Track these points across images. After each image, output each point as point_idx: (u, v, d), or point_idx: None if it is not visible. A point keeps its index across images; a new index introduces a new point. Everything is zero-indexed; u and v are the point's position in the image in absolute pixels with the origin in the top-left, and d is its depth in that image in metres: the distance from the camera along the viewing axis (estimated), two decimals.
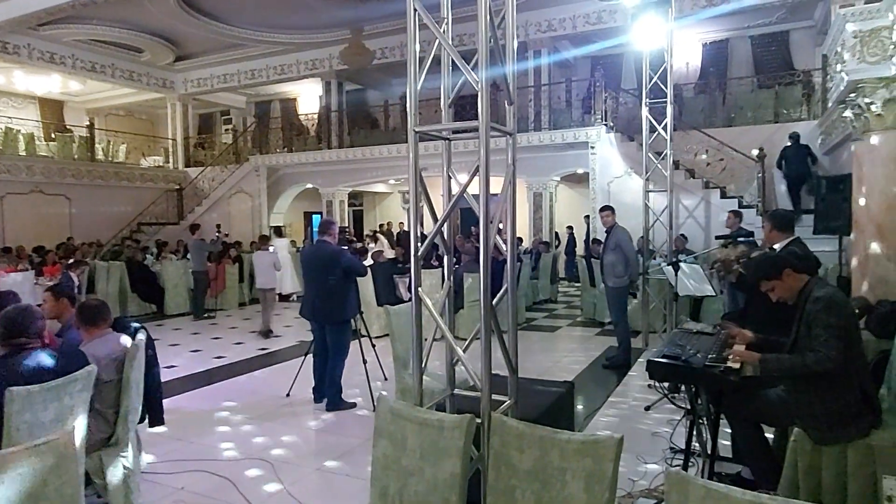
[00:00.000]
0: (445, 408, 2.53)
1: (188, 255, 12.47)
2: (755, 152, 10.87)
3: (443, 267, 2.82)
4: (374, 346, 6.02)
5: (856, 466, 2.36)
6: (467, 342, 2.71)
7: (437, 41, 2.62)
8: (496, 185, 2.76)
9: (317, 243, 5.39)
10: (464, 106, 15.00)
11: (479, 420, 2.04)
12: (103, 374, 3.06)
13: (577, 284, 14.19)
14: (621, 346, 6.57)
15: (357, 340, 5.53)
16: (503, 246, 2.63)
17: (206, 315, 10.52)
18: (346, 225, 17.21)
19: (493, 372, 2.31)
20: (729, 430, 3.00)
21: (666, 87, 7.50)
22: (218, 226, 13.96)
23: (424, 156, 10.89)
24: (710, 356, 2.69)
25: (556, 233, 14.69)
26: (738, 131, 11.85)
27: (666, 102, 7.50)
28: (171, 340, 8.52)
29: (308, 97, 19.38)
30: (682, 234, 10.26)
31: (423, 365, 2.49)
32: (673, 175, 7.90)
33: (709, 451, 2.83)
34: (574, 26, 13.36)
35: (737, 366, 2.58)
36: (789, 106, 12.43)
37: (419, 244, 2.61)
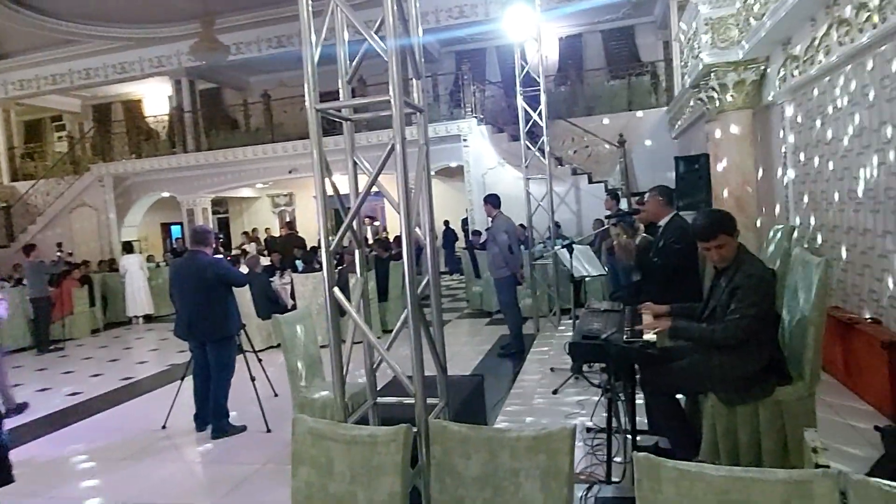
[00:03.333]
0: (368, 420, 2.27)
1: (24, 281, 10.90)
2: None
3: (354, 264, 2.55)
4: (260, 360, 5.55)
5: (767, 423, 2.45)
6: (389, 342, 2.47)
7: (330, 10, 2.34)
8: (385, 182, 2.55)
9: (189, 254, 4.82)
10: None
11: (414, 429, 1.82)
12: None
13: (458, 277, 14.35)
14: (514, 333, 6.62)
15: (242, 356, 5.04)
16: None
17: (52, 347, 9.22)
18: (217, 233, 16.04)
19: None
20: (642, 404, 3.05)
21: (535, 78, 7.68)
22: (59, 244, 12.36)
23: (294, 155, 10.37)
24: (626, 332, 2.69)
25: (453, 230, 14.74)
26: (599, 120, 12.57)
27: (538, 91, 7.69)
28: (12, 381, 7.32)
29: (155, 98, 17.75)
30: (556, 222, 10.64)
31: (343, 373, 2.21)
32: (551, 162, 8.13)
33: (628, 427, 2.84)
34: (437, 20, 13.38)
35: (653, 339, 2.59)
36: (640, 95, 13.40)
37: (330, 238, 2.33)
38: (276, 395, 5.62)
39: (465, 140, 12.58)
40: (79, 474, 4.25)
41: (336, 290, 2.28)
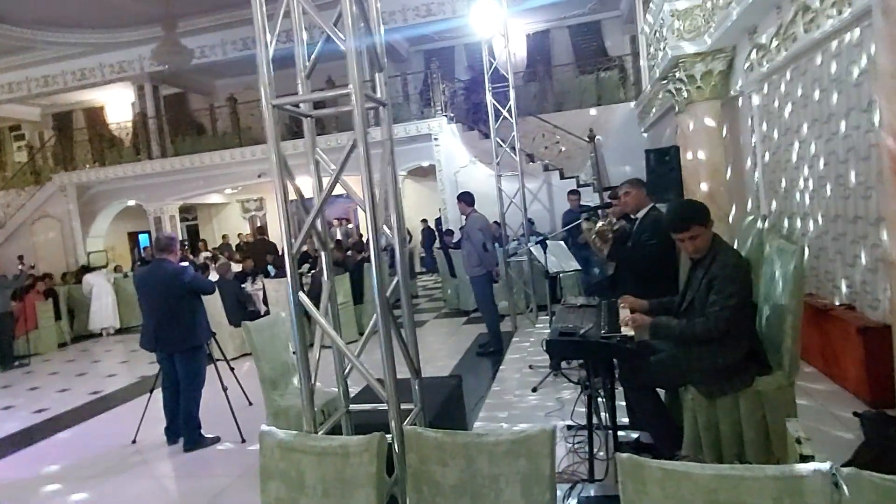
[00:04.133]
0: (342, 429, 2.17)
1: None
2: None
3: (320, 266, 2.45)
4: (232, 369, 5.40)
5: (748, 413, 2.42)
6: (360, 346, 2.39)
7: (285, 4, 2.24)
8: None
9: (154, 263, 4.65)
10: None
11: (389, 437, 1.74)
12: None
13: (435, 276, 14.26)
14: (492, 332, 6.56)
15: (213, 365, 4.89)
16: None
17: (16, 364, 8.90)
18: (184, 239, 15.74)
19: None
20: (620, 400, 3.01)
21: (503, 74, 7.65)
22: (20, 257, 11.96)
23: (262, 159, 10.16)
24: (603, 328, 2.64)
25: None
26: (569, 115, 12.60)
27: (507, 87, 7.65)
28: None
29: (117, 104, 17.29)
30: (529, 219, 10.63)
31: (312, 381, 2.12)
32: (522, 159, 8.10)
33: (609, 423, 2.79)
34: (405, 19, 13.28)
35: (631, 333, 2.55)
36: (609, 90, 13.47)
37: (293, 241, 2.23)
38: (250, 404, 5.47)
39: (436, 139, 12.51)
40: (47, 495, 4.07)
41: (301, 294, 2.19)
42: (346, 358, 2.17)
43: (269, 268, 9.77)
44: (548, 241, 4.80)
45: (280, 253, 11.03)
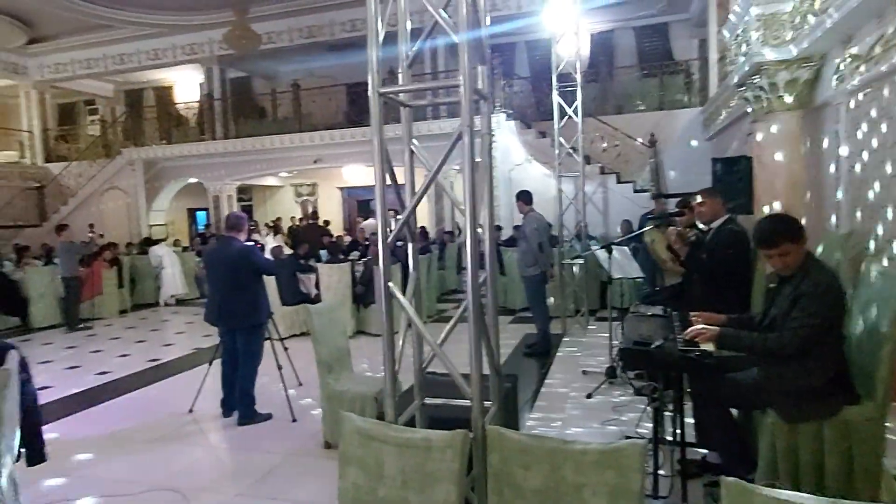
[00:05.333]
0: (415, 421, 2.18)
1: (55, 260, 11.05)
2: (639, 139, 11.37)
3: (407, 256, 2.44)
4: (286, 349, 5.51)
5: (833, 443, 2.31)
6: (442, 336, 2.39)
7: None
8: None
9: (223, 240, 4.78)
10: (360, 94, 14.50)
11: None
12: None
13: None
14: (541, 332, 6.50)
15: (271, 344, 5.00)
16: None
17: (81, 326, 9.32)
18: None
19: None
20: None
21: (571, 74, 7.54)
22: (91, 225, 12.50)
23: (320, 145, 10.35)
24: (678, 340, 2.56)
25: (457, 223, 14.60)
26: (629, 118, 12.34)
27: (573, 87, 7.55)
28: (42, 357, 7.40)
29: (186, 85, 17.88)
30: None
31: (395, 369, 2.13)
32: (584, 160, 7.98)
33: (677, 439, 2.71)
34: None
35: (711, 348, 2.46)
36: (673, 94, 13.12)
37: (388, 230, 2.25)
38: (300, 385, 5.58)
39: (493, 135, 12.44)
40: (107, 454, 4.24)
41: (391, 284, 2.20)
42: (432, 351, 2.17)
43: (322, 252, 9.91)
44: (613, 247, 4.70)
45: (333, 238, 11.20)
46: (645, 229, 5.00)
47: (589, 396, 4.65)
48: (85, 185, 15.19)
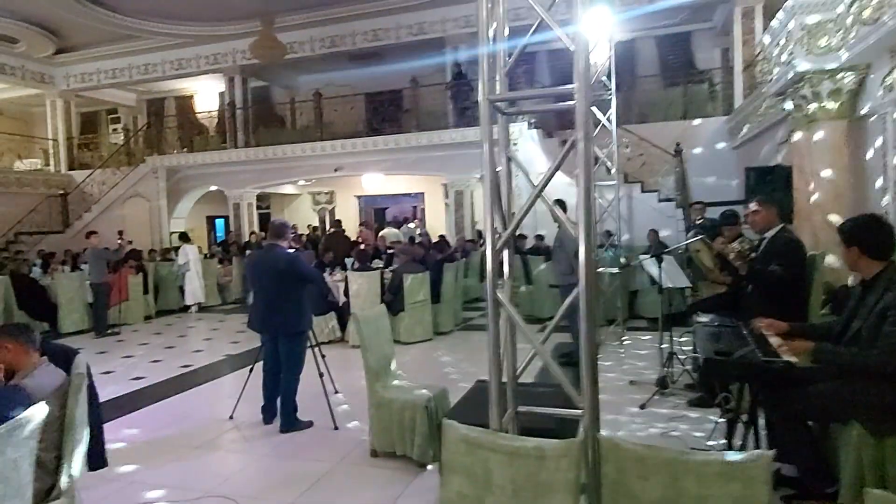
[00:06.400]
0: (509, 430, 2.17)
1: (81, 266, 11.17)
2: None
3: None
4: (323, 356, 5.51)
5: None
6: (545, 335, 2.40)
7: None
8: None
9: (267, 247, 4.82)
10: (381, 102, 14.59)
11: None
12: None
13: (500, 281, 14.16)
14: (577, 342, 6.45)
15: (311, 352, 5.01)
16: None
17: (109, 331, 9.39)
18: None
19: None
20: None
21: (603, 83, 7.56)
22: (120, 232, 12.57)
23: (341, 153, 10.38)
24: (758, 351, 2.54)
25: (479, 231, 14.61)
26: (653, 127, 12.31)
27: (605, 96, 7.56)
28: None
29: (206, 94, 18.10)
30: (609, 231, 10.44)
31: (500, 379, 2.12)
32: (620, 168, 7.96)
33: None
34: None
35: (794, 359, 2.44)
36: (697, 103, 13.10)
37: (497, 235, 2.26)
38: (335, 392, 5.58)
39: (514, 144, 12.45)
40: (154, 461, 4.25)
41: (498, 292, 2.20)
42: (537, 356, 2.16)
43: (347, 260, 9.95)
44: (664, 257, 4.68)
45: (360, 246, 11.23)
46: (695, 239, 4.97)
47: (642, 407, 4.60)
48: (108, 192, 15.36)
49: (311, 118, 15.40)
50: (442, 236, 13.52)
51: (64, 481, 2.63)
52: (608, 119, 7.57)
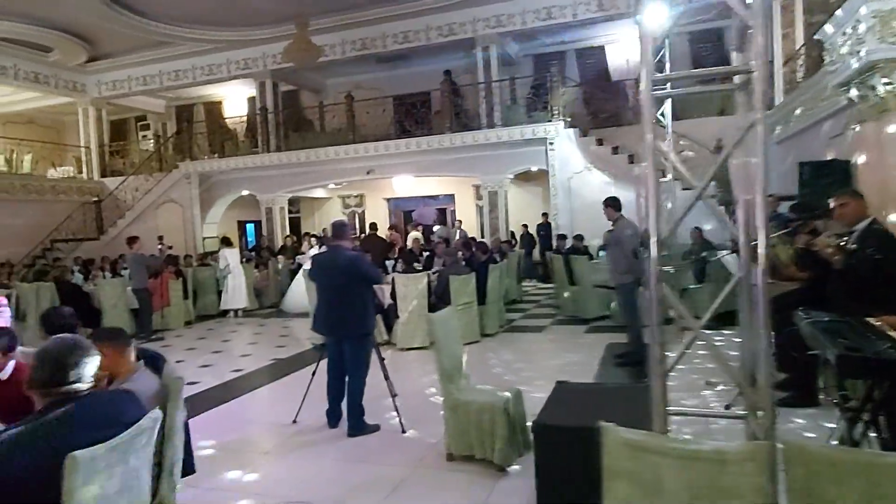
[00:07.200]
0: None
1: (121, 272, 11.25)
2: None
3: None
4: (382, 359, 5.45)
5: None
6: (712, 327, 2.29)
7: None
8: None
9: (331, 249, 4.77)
10: (413, 104, 14.56)
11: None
12: None
13: (532, 282, 14.07)
14: (635, 342, 6.33)
15: (375, 354, 4.93)
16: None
17: (153, 336, 9.44)
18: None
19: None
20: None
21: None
22: (160, 237, 12.69)
23: (374, 156, 10.36)
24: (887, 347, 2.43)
25: (512, 232, 14.51)
26: (690, 124, 12.13)
27: (663, 90, 7.43)
28: None
29: (235, 99, 18.23)
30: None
31: (665, 378, 2.03)
32: (675, 164, 7.79)
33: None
34: (524, 22, 13.22)
35: None
36: (733, 99, 12.85)
37: (659, 227, 2.16)
38: (394, 395, 5.50)
39: (551, 143, 12.35)
40: (226, 465, 4.21)
41: (664, 286, 2.12)
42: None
43: (387, 263, 9.90)
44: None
45: (400, 248, 11.20)
46: (781, 232, 4.84)
47: (727, 408, 4.46)
48: (141, 198, 15.50)
49: (341, 121, 15.44)
50: (472, 238, 13.41)
51: (165, 489, 2.59)
52: (661, 114, 7.41)
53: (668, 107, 7.35)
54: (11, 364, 3.14)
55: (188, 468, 3.15)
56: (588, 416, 3.09)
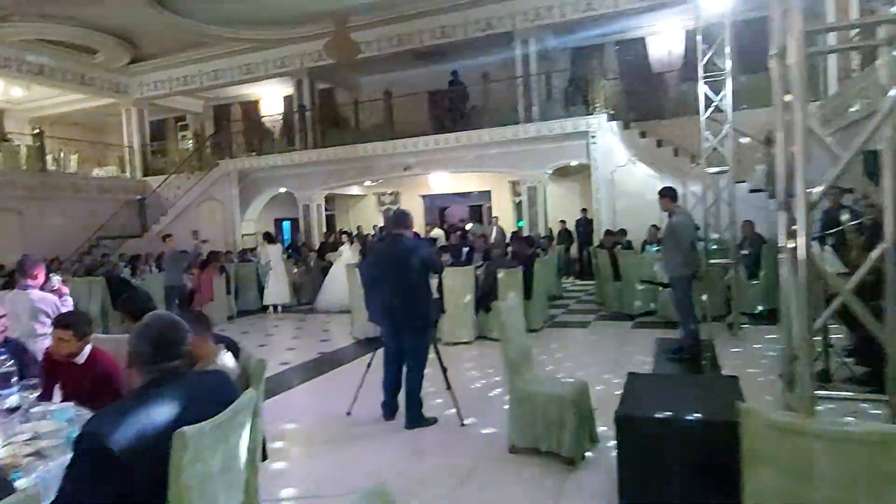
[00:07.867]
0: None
1: (163, 268, 11.39)
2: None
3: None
4: (437, 350, 5.37)
5: None
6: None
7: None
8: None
9: (391, 237, 4.70)
10: (452, 100, 14.48)
11: None
12: None
13: (570, 279, 13.85)
14: (689, 336, 6.15)
15: (434, 346, 4.85)
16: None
17: None
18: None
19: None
20: None
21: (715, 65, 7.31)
22: (194, 232, 12.80)
23: (412, 152, 10.23)
24: None
25: (550, 228, 14.32)
26: (737, 115, 11.77)
27: (723, 76, 7.30)
28: None
29: (271, 98, 18.39)
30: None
31: (815, 356, 1.91)
32: (733, 154, 7.60)
33: None
34: (563, 14, 13.03)
35: None
36: None
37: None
38: (448, 388, 5.42)
39: (593, 137, 12.13)
40: (291, 457, 4.19)
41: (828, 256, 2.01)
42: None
43: None
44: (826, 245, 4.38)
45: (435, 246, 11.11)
46: (855, 222, 4.65)
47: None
48: (182, 196, 15.74)
49: (377, 118, 15.42)
50: (513, 233, 13.25)
51: (250, 471, 2.54)
52: (721, 100, 7.20)
53: (728, 92, 7.09)
54: (88, 349, 3.15)
55: (263, 454, 3.12)
56: (672, 406, 2.98)
